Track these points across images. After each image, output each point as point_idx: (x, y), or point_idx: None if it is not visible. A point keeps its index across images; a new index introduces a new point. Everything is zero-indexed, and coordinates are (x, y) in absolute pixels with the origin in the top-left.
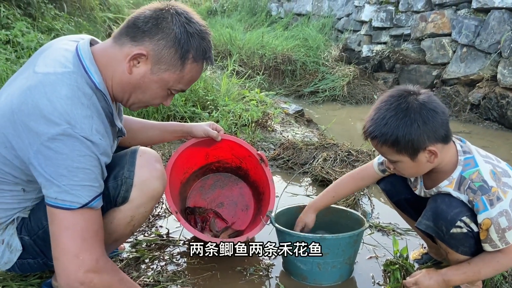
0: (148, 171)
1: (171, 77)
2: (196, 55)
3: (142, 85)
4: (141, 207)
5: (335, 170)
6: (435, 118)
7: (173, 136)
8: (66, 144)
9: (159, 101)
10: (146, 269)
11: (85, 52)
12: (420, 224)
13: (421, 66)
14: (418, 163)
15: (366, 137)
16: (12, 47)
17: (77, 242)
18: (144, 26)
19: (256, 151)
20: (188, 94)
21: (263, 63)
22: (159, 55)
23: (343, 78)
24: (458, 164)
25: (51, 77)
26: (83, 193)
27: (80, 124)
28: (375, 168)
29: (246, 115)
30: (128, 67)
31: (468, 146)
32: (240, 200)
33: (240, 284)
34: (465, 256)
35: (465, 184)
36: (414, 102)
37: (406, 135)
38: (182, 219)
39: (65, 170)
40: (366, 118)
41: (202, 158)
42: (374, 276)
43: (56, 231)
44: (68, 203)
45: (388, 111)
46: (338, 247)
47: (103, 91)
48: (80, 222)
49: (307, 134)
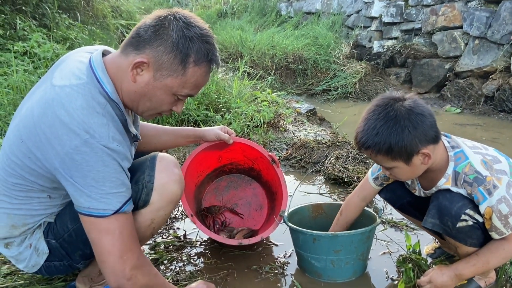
0: (167, 175)
1: (174, 82)
2: (197, 59)
3: (147, 93)
4: (160, 210)
5: (347, 168)
6: (424, 121)
7: (186, 140)
8: (89, 155)
9: (167, 108)
10: (165, 270)
11: (98, 63)
12: (426, 223)
13: (433, 60)
14: (413, 166)
15: (360, 147)
16: (29, 58)
17: (119, 245)
18: (144, 34)
19: (268, 153)
20: (200, 97)
21: (274, 63)
22: (159, 61)
23: (354, 75)
24: (450, 160)
25: (67, 89)
26: (113, 200)
27: (98, 133)
28: (372, 184)
29: (258, 116)
30: (132, 76)
31: (454, 140)
32: (254, 200)
33: (256, 282)
34: (474, 248)
35: (460, 179)
36: (401, 109)
37: (399, 142)
38: (198, 222)
39: (93, 181)
40: (356, 129)
41: (215, 161)
42: (387, 272)
43: (96, 238)
44: (101, 211)
45: (378, 121)
46: (350, 244)
47: (116, 100)
48: (117, 227)
49: (319, 132)
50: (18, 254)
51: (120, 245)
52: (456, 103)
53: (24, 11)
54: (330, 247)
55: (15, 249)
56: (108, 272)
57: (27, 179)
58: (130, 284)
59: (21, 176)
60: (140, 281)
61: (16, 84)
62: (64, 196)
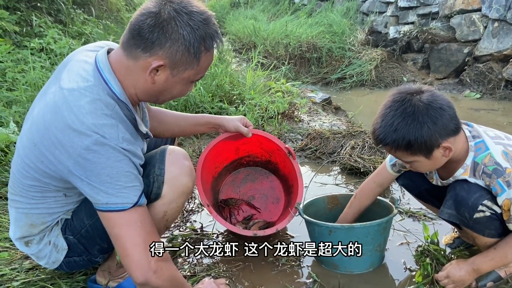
0: (177, 168)
1: (191, 73)
2: (207, 45)
3: (167, 88)
4: (172, 203)
5: (363, 157)
6: (443, 115)
7: (205, 128)
8: (101, 153)
9: (185, 93)
10: (182, 263)
11: (103, 64)
12: (443, 213)
13: (452, 44)
14: (434, 159)
15: (378, 144)
16: (46, 54)
17: (143, 236)
18: (151, 36)
19: (284, 145)
20: (214, 89)
21: (288, 52)
22: (174, 60)
23: (370, 62)
24: (470, 150)
25: (75, 93)
26: (130, 194)
27: (108, 134)
28: (389, 171)
29: (272, 107)
30: (150, 79)
31: (476, 130)
32: (271, 193)
33: (273, 274)
34: (492, 238)
35: (479, 170)
36: (419, 104)
37: (418, 138)
38: (214, 212)
39: (108, 177)
40: (374, 125)
41: (233, 153)
42: (405, 263)
43: (118, 233)
44: (120, 205)
45: (395, 117)
46: (367, 235)
47: (125, 101)
48: (138, 219)
49: (334, 122)
50: (38, 252)
51: (144, 236)
52: (476, 88)
53: (40, 8)
54: (346, 238)
55: (35, 247)
56: (134, 266)
57: (41, 181)
58: (155, 277)
59: (35, 178)
60: (165, 274)
61: (34, 81)
62: (80, 193)
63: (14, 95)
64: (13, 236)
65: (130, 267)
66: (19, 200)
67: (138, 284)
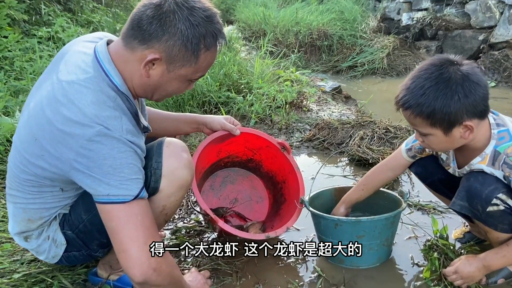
0: (175, 161)
1: (188, 71)
2: (207, 43)
3: (162, 84)
4: (171, 196)
5: (372, 148)
6: (477, 91)
7: (189, 127)
8: (104, 144)
9: (182, 91)
10: (186, 255)
11: (103, 55)
12: (454, 205)
13: (466, 31)
14: (451, 138)
15: (399, 107)
16: (54, 43)
17: (143, 231)
18: (149, 27)
19: (277, 140)
20: (222, 78)
21: (298, 40)
22: (170, 54)
23: (382, 50)
24: (492, 138)
25: (75, 85)
26: (132, 186)
27: (112, 126)
28: (404, 155)
29: (280, 96)
30: (145, 72)
31: (502, 118)
32: (253, 193)
33: (277, 268)
34: (506, 234)
35: (500, 159)
36: (457, 72)
37: (444, 107)
38: (226, 225)
39: (110, 168)
40: (400, 87)
41: (214, 155)
42: (413, 257)
43: (116, 226)
44: (121, 197)
45: (428, 80)
46: (374, 229)
47: (125, 93)
48: (138, 212)
49: (344, 112)
50: (38, 247)
51: (144, 231)
52: (491, 76)
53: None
54: (353, 232)
55: (34, 242)
56: (131, 263)
57: (38, 175)
58: (155, 274)
59: (33, 173)
60: (165, 271)
61: (41, 70)
62: (77, 188)
63: (21, 84)
64: (12, 231)
65: (127, 264)
66: (16, 194)
67: (136, 283)
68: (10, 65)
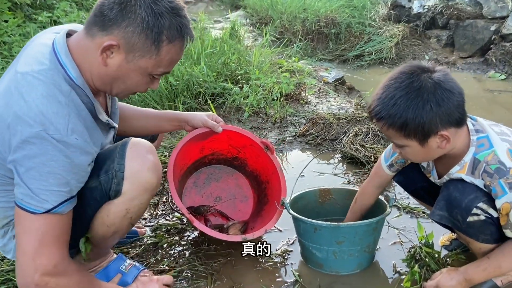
0: (139, 163)
1: (148, 63)
2: (170, 36)
3: (120, 76)
4: (135, 200)
5: (365, 146)
6: (451, 99)
7: (170, 125)
8: (38, 147)
9: (143, 88)
10: (164, 255)
11: (61, 46)
12: (434, 215)
13: (478, 21)
14: (428, 148)
15: (372, 117)
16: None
17: (35, 246)
18: (110, 13)
19: (260, 139)
20: (220, 68)
21: (306, 27)
22: (130, 42)
23: (391, 39)
24: (471, 145)
25: (28, 77)
26: (50, 198)
27: (55, 125)
28: (387, 171)
29: (276, 88)
30: (102, 60)
31: (480, 124)
32: (238, 191)
33: (254, 272)
34: (487, 244)
35: (479, 168)
36: (428, 80)
37: (417, 117)
38: (196, 221)
39: (37, 174)
40: (373, 96)
41: (197, 152)
42: (395, 265)
43: (19, 232)
44: (33, 207)
45: (398, 90)
46: (354, 236)
47: (82, 86)
48: (41, 227)
49: (343, 105)
50: (3, 246)
51: (36, 247)
52: (501, 69)
53: None
54: (332, 237)
55: (0, 241)
56: (18, 271)
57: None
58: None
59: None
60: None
61: None
62: None
63: None
64: None
65: (17, 271)
66: None
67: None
68: (9, 51)
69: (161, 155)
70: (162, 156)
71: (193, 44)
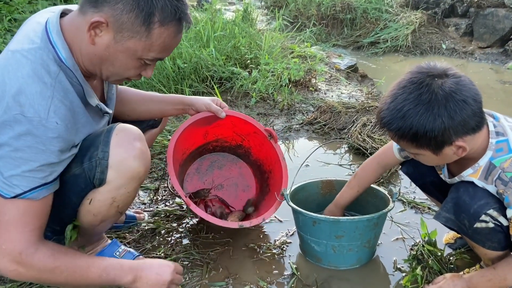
0: (124, 150)
1: (137, 45)
2: (162, 18)
3: (108, 56)
4: (121, 188)
5: (373, 137)
6: (465, 109)
7: (174, 108)
8: (14, 130)
9: (134, 73)
10: (162, 241)
11: (53, 25)
12: (439, 217)
13: (499, 9)
14: (443, 156)
15: (381, 127)
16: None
17: (1, 231)
18: None
19: (264, 127)
20: (230, 51)
21: (320, 12)
22: (119, 21)
23: (407, 26)
24: (488, 148)
25: (17, 55)
26: (21, 183)
27: (35, 106)
28: (397, 155)
29: (285, 74)
30: (89, 37)
31: (502, 125)
32: (240, 180)
33: (251, 262)
34: (494, 251)
35: (494, 174)
36: (439, 91)
37: (428, 132)
38: (193, 204)
39: (10, 158)
40: (380, 104)
41: (201, 137)
42: (396, 261)
43: None
44: (3, 190)
45: (406, 102)
46: (354, 230)
47: (71, 68)
48: (9, 212)
49: (354, 93)
50: None
51: (2, 232)
52: None
53: None
54: (331, 232)
55: None
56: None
57: None
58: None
59: None
60: (25, 275)
61: None
62: None
63: None
64: None
65: None
66: None
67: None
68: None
69: (164, 138)
70: (166, 140)
71: (203, 26)
